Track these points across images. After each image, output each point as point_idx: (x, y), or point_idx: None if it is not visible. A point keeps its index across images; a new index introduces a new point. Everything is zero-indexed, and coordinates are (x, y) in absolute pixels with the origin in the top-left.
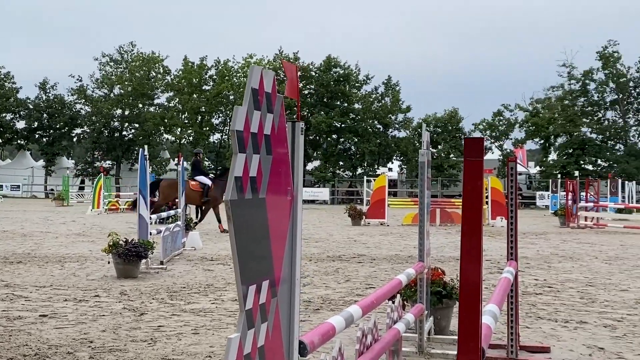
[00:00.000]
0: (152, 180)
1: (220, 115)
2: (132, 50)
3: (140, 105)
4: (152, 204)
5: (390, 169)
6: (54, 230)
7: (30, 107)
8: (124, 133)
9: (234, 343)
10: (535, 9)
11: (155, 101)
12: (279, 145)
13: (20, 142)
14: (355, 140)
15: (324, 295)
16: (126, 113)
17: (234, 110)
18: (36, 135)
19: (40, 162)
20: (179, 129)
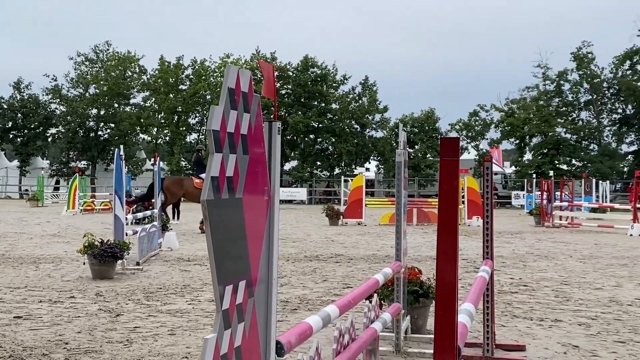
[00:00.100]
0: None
1: (197, 115)
2: (108, 49)
3: (116, 105)
4: (151, 205)
5: (367, 169)
6: (29, 231)
7: (4, 107)
8: (100, 133)
9: (211, 343)
10: (510, 9)
11: (131, 101)
12: (255, 145)
13: None
14: (333, 140)
15: (302, 295)
16: (102, 113)
17: (210, 109)
18: (10, 135)
19: (15, 163)
20: (155, 129)
